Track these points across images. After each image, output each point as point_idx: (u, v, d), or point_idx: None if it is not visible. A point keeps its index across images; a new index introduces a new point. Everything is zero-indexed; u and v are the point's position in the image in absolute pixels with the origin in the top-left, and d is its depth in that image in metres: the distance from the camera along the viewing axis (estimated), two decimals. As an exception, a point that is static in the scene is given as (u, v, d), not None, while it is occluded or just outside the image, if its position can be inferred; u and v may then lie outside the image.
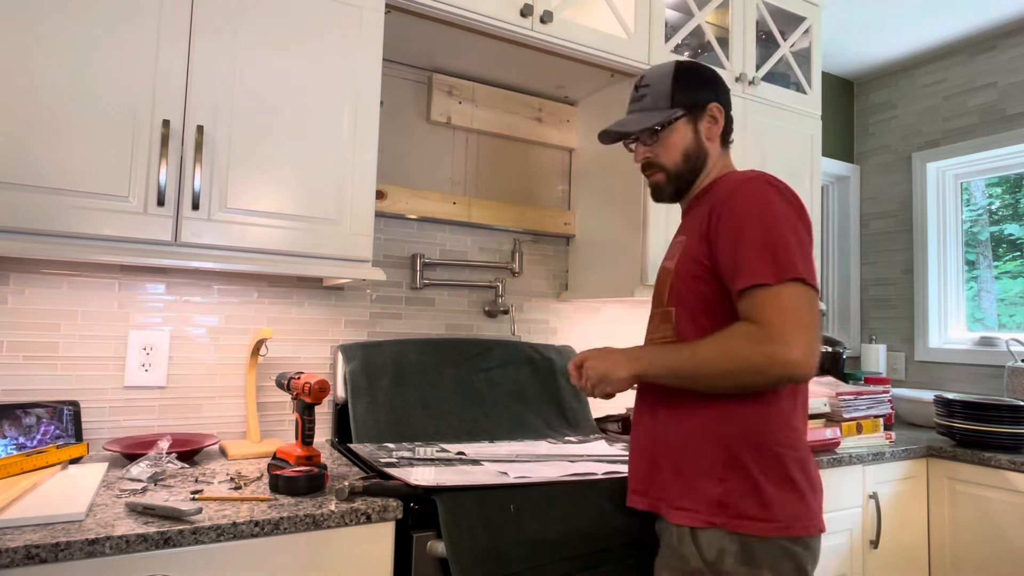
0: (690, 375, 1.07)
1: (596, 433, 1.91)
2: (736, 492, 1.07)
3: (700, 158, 1.24)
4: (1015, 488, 1.86)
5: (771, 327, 1.00)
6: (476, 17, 1.61)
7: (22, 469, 1.18)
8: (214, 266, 1.35)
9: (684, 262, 1.16)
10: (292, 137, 1.41)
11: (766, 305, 1.01)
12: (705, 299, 1.12)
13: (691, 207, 1.26)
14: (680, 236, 1.23)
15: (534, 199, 2.17)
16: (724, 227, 1.09)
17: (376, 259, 1.89)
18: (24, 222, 1.17)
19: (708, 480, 1.09)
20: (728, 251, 1.07)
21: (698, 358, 1.06)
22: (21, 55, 1.17)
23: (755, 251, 1.04)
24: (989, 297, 2.68)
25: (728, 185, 1.14)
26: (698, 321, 1.13)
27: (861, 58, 2.89)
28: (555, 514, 1.25)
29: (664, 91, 1.23)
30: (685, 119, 1.23)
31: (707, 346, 1.06)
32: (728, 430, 1.09)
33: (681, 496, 1.11)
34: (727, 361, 1.03)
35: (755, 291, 1.03)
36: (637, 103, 1.27)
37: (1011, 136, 2.53)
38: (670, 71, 1.25)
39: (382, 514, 1.16)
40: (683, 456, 1.12)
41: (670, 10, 2.01)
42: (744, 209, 1.07)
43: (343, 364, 1.72)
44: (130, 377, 1.53)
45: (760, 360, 1.00)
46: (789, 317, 1.00)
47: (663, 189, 1.27)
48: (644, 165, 1.28)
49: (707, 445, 1.10)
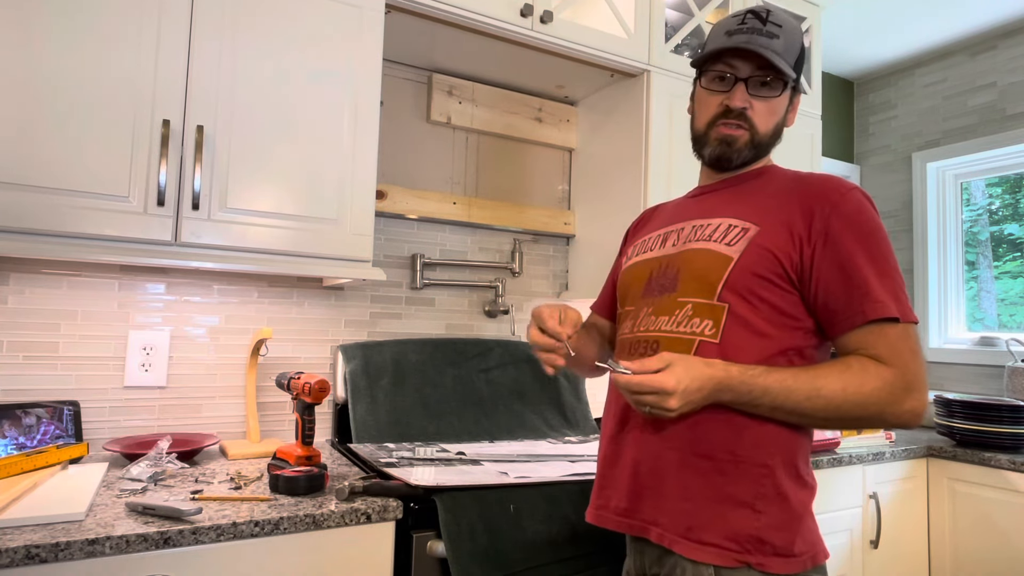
0: (799, 413, 0.91)
1: (596, 433, 1.91)
2: (774, 526, 0.92)
3: (777, 139, 1.07)
4: (1015, 488, 1.86)
5: (908, 373, 0.88)
6: (476, 17, 1.61)
7: (22, 469, 1.18)
8: (214, 266, 1.35)
9: (756, 255, 0.95)
10: (292, 137, 1.41)
11: (901, 345, 0.89)
12: (774, 305, 0.95)
13: (728, 186, 1.08)
14: (719, 218, 1.03)
15: (534, 199, 2.17)
16: (840, 239, 0.93)
17: (376, 259, 1.89)
18: (24, 222, 1.17)
19: (743, 511, 0.92)
20: (845, 268, 0.92)
21: (823, 399, 0.89)
22: (21, 55, 1.17)
23: (881, 280, 0.91)
24: (989, 297, 2.68)
25: (816, 184, 0.98)
26: (754, 327, 0.95)
27: (861, 58, 2.88)
28: (555, 514, 1.25)
29: (795, 48, 1.02)
30: (790, 92, 1.06)
31: (832, 385, 0.89)
32: (768, 452, 0.94)
33: (702, 527, 0.92)
34: (857, 407, 0.89)
35: (885, 326, 0.90)
36: (763, 36, 1.00)
37: (1011, 136, 2.53)
38: (800, 29, 1.05)
39: (382, 514, 1.16)
40: (706, 480, 0.93)
41: (670, 10, 2.02)
42: (861, 227, 0.93)
43: (343, 364, 1.72)
44: (130, 377, 1.53)
45: (899, 414, 0.89)
46: (921, 363, 0.90)
47: (740, 151, 1.04)
48: (735, 114, 1.03)
49: (743, 469, 0.93)
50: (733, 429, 0.93)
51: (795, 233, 0.95)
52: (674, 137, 1.88)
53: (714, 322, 0.96)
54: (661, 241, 1.10)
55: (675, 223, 1.11)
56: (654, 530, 0.96)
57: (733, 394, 0.90)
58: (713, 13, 2.04)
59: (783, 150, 2.15)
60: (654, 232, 1.15)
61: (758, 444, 0.93)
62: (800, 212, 0.96)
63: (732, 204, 1.04)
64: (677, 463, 0.95)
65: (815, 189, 0.98)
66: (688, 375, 0.88)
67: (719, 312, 0.96)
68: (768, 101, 1.02)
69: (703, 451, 0.94)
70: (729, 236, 0.99)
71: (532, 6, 1.66)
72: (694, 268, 1.00)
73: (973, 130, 2.66)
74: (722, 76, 1.03)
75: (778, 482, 0.94)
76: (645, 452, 0.98)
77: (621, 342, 1.10)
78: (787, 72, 0.99)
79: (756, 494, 0.93)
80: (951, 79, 2.75)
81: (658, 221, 1.18)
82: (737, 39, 1.00)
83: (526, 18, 1.67)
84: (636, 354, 1.03)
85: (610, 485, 1.03)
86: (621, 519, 1.00)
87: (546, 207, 2.16)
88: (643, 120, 1.87)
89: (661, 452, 0.96)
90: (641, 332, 1.04)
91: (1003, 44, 2.58)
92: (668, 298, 1.02)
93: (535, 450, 1.61)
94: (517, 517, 1.21)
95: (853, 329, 0.92)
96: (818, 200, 0.96)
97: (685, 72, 1.93)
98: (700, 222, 1.05)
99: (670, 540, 0.94)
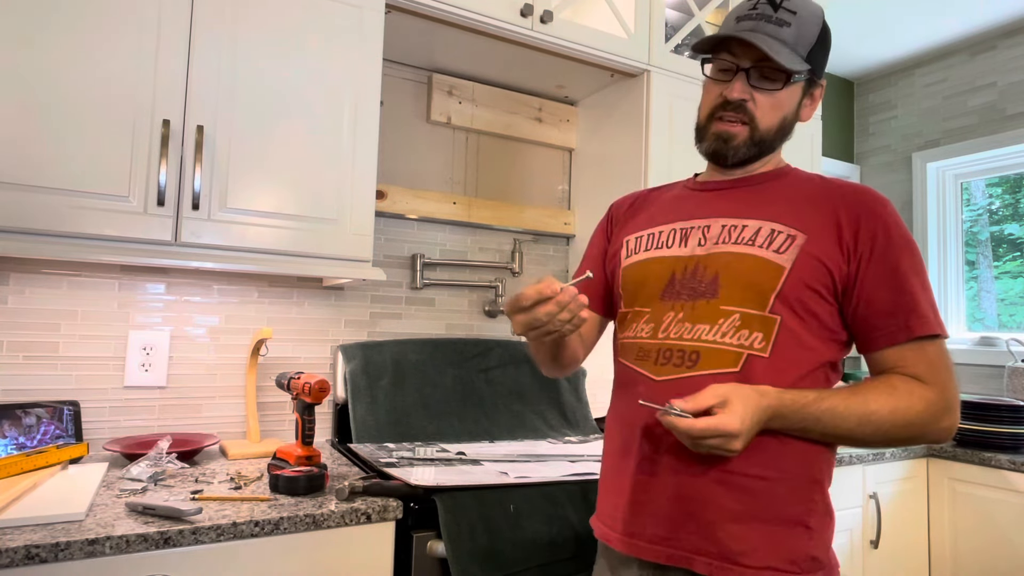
0: (848, 438, 0.90)
1: (596, 433, 1.91)
2: (824, 544, 0.92)
3: (785, 134, 1.01)
4: (1015, 488, 1.86)
5: (947, 393, 0.88)
6: (476, 17, 1.61)
7: (22, 469, 1.18)
8: (214, 266, 1.35)
9: (809, 266, 0.91)
10: (292, 137, 1.41)
11: (940, 364, 0.89)
12: (819, 319, 0.92)
13: (747, 185, 1.02)
14: (755, 220, 0.96)
15: (534, 199, 2.17)
16: (887, 251, 0.90)
17: (376, 259, 1.89)
18: (24, 222, 1.17)
19: (796, 530, 0.89)
20: (893, 282, 0.90)
21: (872, 424, 0.87)
22: (21, 55, 1.17)
23: (924, 295, 0.90)
24: (989, 297, 2.68)
25: (855, 192, 0.95)
26: (802, 341, 0.91)
27: (861, 58, 2.89)
28: (555, 514, 1.25)
29: (810, 36, 0.95)
30: (804, 83, 0.99)
31: (882, 411, 0.87)
32: (817, 467, 0.93)
33: (754, 551, 0.87)
34: (903, 429, 0.87)
35: (925, 343, 0.89)
36: (773, 24, 0.94)
37: (1011, 136, 2.53)
38: (821, 15, 0.97)
39: (382, 514, 1.16)
40: (756, 500, 0.89)
41: (670, 10, 2.02)
42: (904, 239, 0.92)
43: (343, 364, 1.72)
44: (130, 377, 1.53)
45: (937, 433, 0.88)
46: (956, 382, 0.90)
47: (737, 147, 0.98)
48: (734, 106, 0.97)
49: (793, 487, 0.90)
50: (780, 445, 0.90)
51: (844, 243, 0.91)
52: (674, 137, 1.88)
53: (764, 335, 0.91)
54: (680, 238, 1.02)
55: (692, 219, 1.03)
56: (699, 560, 0.89)
57: (785, 422, 0.87)
58: (713, 13, 2.04)
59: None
60: (663, 226, 1.05)
61: (805, 459, 0.91)
62: (847, 221, 0.92)
63: (762, 206, 0.98)
64: (723, 485, 0.89)
65: (857, 198, 0.94)
66: (748, 412, 0.83)
67: (771, 325, 0.91)
68: (770, 94, 0.96)
69: (752, 471, 0.89)
70: (776, 242, 0.93)
71: (532, 6, 1.66)
72: (739, 274, 0.93)
73: (973, 130, 2.66)
74: (725, 67, 0.99)
75: (825, 497, 0.93)
76: (685, 475, 0.91)
77: (635, 347, 1.01)
78: (788, 65, 0.93)
79: (808, 511, 0.90)
80: (951, 79, 2.75)
81: (660, 212, 1.09)
82: (742, 26, 0.95)
83: (526, 18, 1.67)
84: (670, 363, 0.95)
85: (644, 512, 0.94)
86: (659, 548, 0.92)
87: (546, 207, 2.16)
88: (643, 120, 1.87)
89: (704, 474, 0.90)
90: (673, 340, 0.96)
91: (1003, 44, 2.58)
92: (708, 305, 0.94)
93: (535, 450, 1.61)
94: (517, 517, 1.21)
95: (894, 345, 0.90)
96: (863, 209, 0.92)
97: (685, 72, 1.93)
98: (731, 222, 0.98)
99: (719, 568, 0.88)
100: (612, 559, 1.02)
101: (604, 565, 1.03)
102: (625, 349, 1.04)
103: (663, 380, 0.95)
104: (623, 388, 1.03)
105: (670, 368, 0.95)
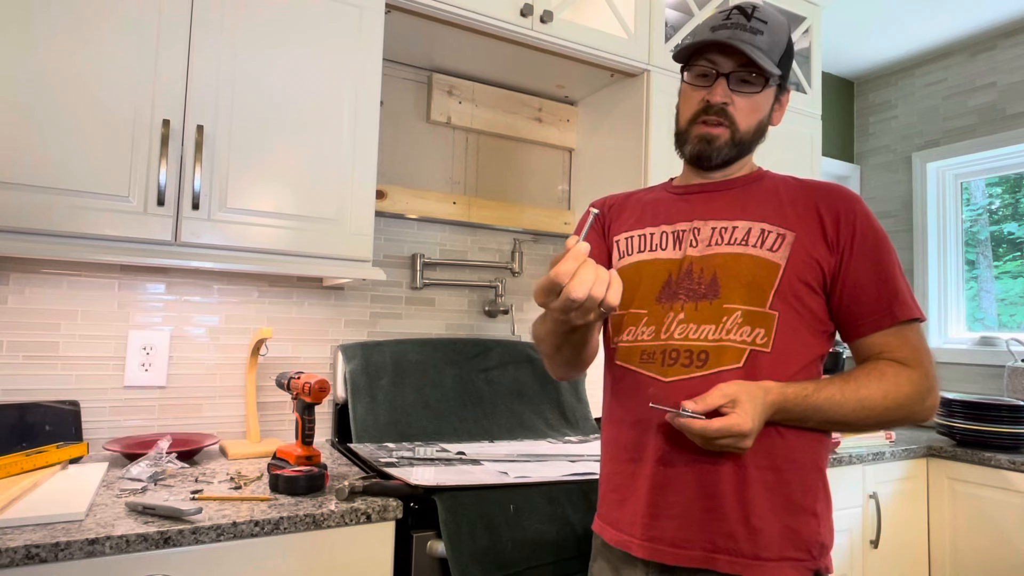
0: (844, 424, 0.94)
1: (596, 433, 1.91)
2: (828, 528, 0.96)
3: (761, 136, 1.06)
4: (1015, 488, 1.86)
5: (928, 373, 0.94)
6: (476, 17, 1.61)
7: (22, 469, 1.18)
8: (214, 266, 1.35)
9: (802, 262, 0.96)
10: (292, 137, 1.41)
11: (920, 346, 0.95)
12: (813, 312, 0.97)
13: (729, 188, 1.06)
14: (744, 222, 1.00)
15: (534, 199, 2.17)
16: (865, 242, 0.97)
17: (376, 259, 1.89)
18: (24, 222, 1.17)
19: (807, 518, 0.93)
20: (876, 270, 0.96)
21: (866, 409, 0.92)
22: (21, 55, 1.17)
23: (903, 282, 0.97)
24: (989, 297, 2.68)
25: (830, 189, 1.01)
26: (799, 335, 0.96)
27: (861, 58, 2.88)
28: (555, 514, 1.25)
29: (780, 44, 1.01)
30: (776, 89, 1.05)
31: (875, 396, 0.92)
32: (820, 455, 0.97)
33: (774, 543, 0.91)
34: (893, 411, 0.93)
35: (905, 327, 0.95)
36: (747, 32, 0.99)
37: (1011, 136, 2.53)
38: (788, 26, 1.04)
39: (382, 514, 1.16)
40: (772, 492, 0.92)
41: (670, 10, 2.01)
42: (878, 231, 0.98)
43: (343, 364, 1.72)
44: (130, 377, 1.53)
45: (923, 411, 0.94)
46: (933, 361, 0.96)
47: (720, 148, 1.02)
48: (715, 109, 1.01)
49: (802, 475, 0.94)
50: (785, 436, 0.94)
51: (828, 237, 0.97)
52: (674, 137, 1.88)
53: (766, 331, 0.94)
54: (673, 240, 1.04)
55: (679, 221, 1.05)
56: (722, 559, 0.90)
57: (786, 414, 0.91)
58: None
59: (783, 150, 2.15)
60: (652, 228, 1.07)
61: (810, 448, 0.95)
62: (828, 217, 0.98)
63: (748, 207, 1.02)
64: (740, 480, 0.92)
65: (833, 195, 1.00)
66: (757, 410, 0.87)
67: (770, 320, 0.95)
68: (749, 97, 1.01)
69: (765, 463, 0.93)
70: (768, 241, 0.98)
71: (532, 6, 1.66)
72: (737, 274, 0.96)
73: (973, 130, 2.66)
74: (705, 72, 1.03)
75: (826, 483, 0.97)
76: (705, 476, 0.92)
77: (637, 349, 1.01)
78: (768, 68, 0.98)
79: (815, 498, 0.95)
80: (951, 79, 2.75)
81: (646, 215, 1.10)
82: (720, 34, 1.00)
83: (526, 18, 1.67)
84: (677, 364, 0.96)
85: (664, 516, 0.94)
86: (681, 552, 0.92)
87: (546, 207, 2.16)
88: (643, 120, 1.87)
89: (721, 472, 0.92)
90: (678, 340, 0.97)
91: (1003, 44, 2.58)
92: (711, 305, 0.96)
93: (535, 450, 1.61)
94: (517, 517, 1.21)
95: (879, 331, 0.96)
96: (842, 205, 0.99)
97: (685, 72, 1.93)
98: (721, 224, 1.01)
99: (744, 565, 0.90)
100: (613, 558, 1.02)
101: (604, 565, 1.03)
102: (624, 352, 1.04)
103: (673, 381, 0.96)
104: (626, 392, 1.02)
105: (678, 368, 0.96)
